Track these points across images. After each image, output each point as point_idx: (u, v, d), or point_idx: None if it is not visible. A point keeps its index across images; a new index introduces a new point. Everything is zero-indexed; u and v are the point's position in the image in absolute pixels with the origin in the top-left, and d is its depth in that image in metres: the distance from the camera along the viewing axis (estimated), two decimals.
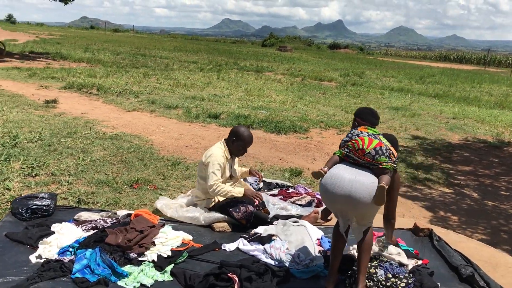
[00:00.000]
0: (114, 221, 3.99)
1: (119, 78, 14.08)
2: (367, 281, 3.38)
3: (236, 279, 3.24)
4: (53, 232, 3.67)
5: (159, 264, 3.50)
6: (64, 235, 3.63)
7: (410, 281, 3.42)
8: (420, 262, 3.79)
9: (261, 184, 5.22)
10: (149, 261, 3.51)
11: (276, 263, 3.68)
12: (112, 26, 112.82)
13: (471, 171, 7.31)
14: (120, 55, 23.82)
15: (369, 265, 3.53)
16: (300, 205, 4.68)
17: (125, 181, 5.09)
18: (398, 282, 3.39)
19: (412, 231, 4.56)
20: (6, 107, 8.44)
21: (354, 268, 3.49)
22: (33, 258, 3.35)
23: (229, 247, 3.91)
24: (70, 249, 3.46)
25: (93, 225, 3.86)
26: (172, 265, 3.54)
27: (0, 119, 7.36)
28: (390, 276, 3.44)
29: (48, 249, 3.45)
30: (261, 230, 4.11)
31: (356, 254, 3.75)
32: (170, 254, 3.66)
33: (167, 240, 3.86)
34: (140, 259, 3.53)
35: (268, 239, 3.97)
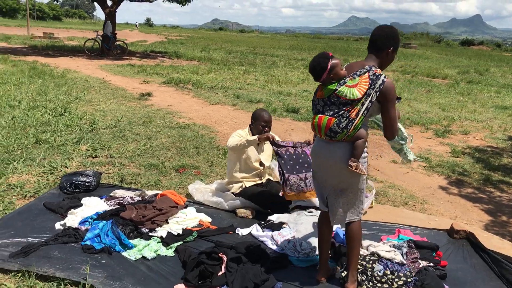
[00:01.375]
0: (140, 199, 4.32)
1: (218, 75, 14.78)
2: (360, 275, 3.26)
3: (225, 258, 3.34)
4: (82, 204, 4.10)
5: (167, 240, 3.72)
6: (89, 207, 4.03)
7: (409, 280, 3.22)
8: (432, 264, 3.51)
9: None
10: (157, 237, 3.75)
11: (280, 249, 3.70)
12: (240, 27, 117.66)
13: None
14: (232, 54, 24.87)
15: (367, 259, 3.40)
16: None
17: (173, 166, 5.43)
18: (396, 280, 3.21)
19: (448, 232, 4.22)
20: (104, 98, 9.42)
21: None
22: (58, 225, 3.78)
23: (242, 231, 4.00)
24: (89, 220, 3.84)
25: (119, 201, 4.22)
26: (180, 242, 3.73)
27: (92, 108, 8.26)
28: (388, 272, 3.28)
29: (73, 218, 3.87)
30: (275, 217, 4.16)
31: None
32: (180, 232, 3.86)
33: (185, 220, 4.07)
34: (150, 234, 3.79)
35: (278, 226, 4.00)
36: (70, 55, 18.90)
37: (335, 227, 4.00)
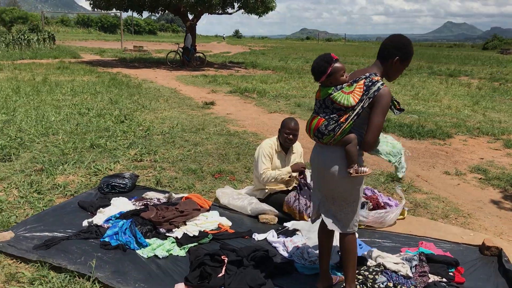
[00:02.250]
0: (166, 200, 4.52)
1: (287, 84, 14.87)
2: (360, 285, 3.18)
3: (226, 261, 3.40)
4: (110, 204, 4.37)
5: (181, 241, 3.86)
6: (116, 207, 4.29)
7: None
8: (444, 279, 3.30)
9: None
10: (173, 237, 3.91)
11: (289, 256, 3.69)
12: (328, 36, 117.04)
13: None
14: (310, 62, 24.79)
15: (370, 270, 3.30)
16: None
17: (210, 171, 5.60)
18: None
19: (480, 248, 3.94)
20: (169, 106, 9.91)
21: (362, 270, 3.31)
22: (85, 222, 4.07)
23: (258, 237, 4.04)
24: (113, 218, 4.09)
25: (145, 202, 4.44)
26: (194, 244, 3.85)
27: (154, 116, 8.73)
28: (391, 285, 3.15)
29: (100, 216, 4.15)
30: (290, 224, 4.17)
31: (365, 255, 3.54)
32: (196, 234, 3.98)
33: (204, 223, 4.19)
34: (167, 234, 3.95)
35: (292, 233, 4.00)
36: (153, 67, 20.04)
37: None
